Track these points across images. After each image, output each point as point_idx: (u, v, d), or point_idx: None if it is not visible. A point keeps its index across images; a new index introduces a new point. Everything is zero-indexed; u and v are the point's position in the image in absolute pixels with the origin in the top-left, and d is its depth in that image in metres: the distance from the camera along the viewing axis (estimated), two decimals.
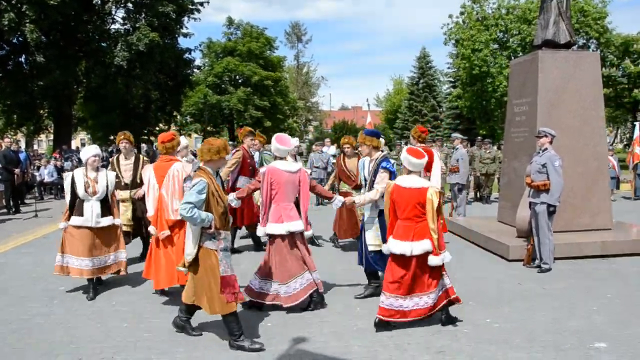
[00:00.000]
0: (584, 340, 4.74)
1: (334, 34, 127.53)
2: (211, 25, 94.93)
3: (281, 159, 5.61)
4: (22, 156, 15.45)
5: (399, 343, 4.72)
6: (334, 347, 4.63)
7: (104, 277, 6.68)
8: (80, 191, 6.06)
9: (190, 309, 4.92)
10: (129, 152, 7.68)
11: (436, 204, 4.85)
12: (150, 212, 5.89)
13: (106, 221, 6.22)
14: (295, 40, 55.76)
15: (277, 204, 5.51)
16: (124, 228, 7.04)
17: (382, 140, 6.26)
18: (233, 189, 7.69)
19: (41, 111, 28.11)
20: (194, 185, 4.46)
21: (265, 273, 5.62)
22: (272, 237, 5.55)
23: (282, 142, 5.57)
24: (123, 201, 7.37)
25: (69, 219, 6.13)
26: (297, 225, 5.49)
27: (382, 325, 4.98)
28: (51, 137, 32.84)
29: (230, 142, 21.98)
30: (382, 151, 6.11)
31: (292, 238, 5.53)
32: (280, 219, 5.47)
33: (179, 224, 5.67)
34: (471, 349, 4.57)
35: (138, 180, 7.37)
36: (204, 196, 4.44)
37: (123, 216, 7.14)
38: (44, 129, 31.83)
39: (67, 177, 6.31)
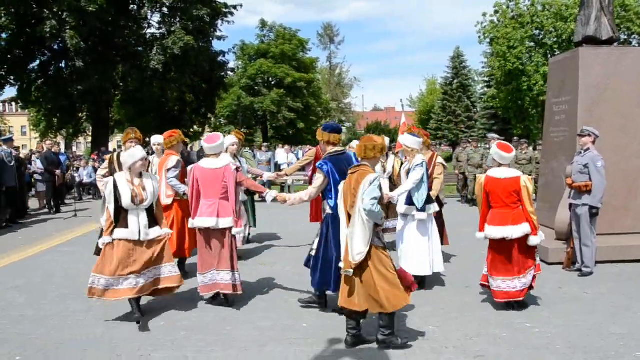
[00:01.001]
0: (630, 347, 4.58)
1: (367, 35, 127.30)
2: (244, 28, 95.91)
3: (209, 156, 5.86)
4: (62, 158, 15.88)
5: (435, 346, 4.64)
6: (369, 349, 4.58)
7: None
8: (127, 201, 5.21)
9: (356, 318, 4.64)
10: None
11: (532, 189, 5.55)
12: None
13: (155, 232, 5.43)
14: (327, 41, 55.95)
15: (203, 199, 5.75)
16: None
17: (341, 137, 5.83)
18: None
19: (80, 114, 28.88)
20: (372, 182, 4.38)
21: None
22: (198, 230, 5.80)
23: (208, 141, 5.93)
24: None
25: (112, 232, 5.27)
26: (207, 222, 5.64)
27: (510, 306, 5.57)
28: (89, 139, 33.66)
29: (265, 144, 22.21)
30: (341, 148, 5.73)
31: (209, 233, 5.71)
32: (197, 213, 5.74)
33: (169, 207, 6.76)
34: (510, 354, 4.46)
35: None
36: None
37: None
38: (82, 131, 32.69)
39: (108, 183, 5.33)
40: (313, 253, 5.59)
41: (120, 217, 5.24)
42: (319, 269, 5.46)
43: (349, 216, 4.54)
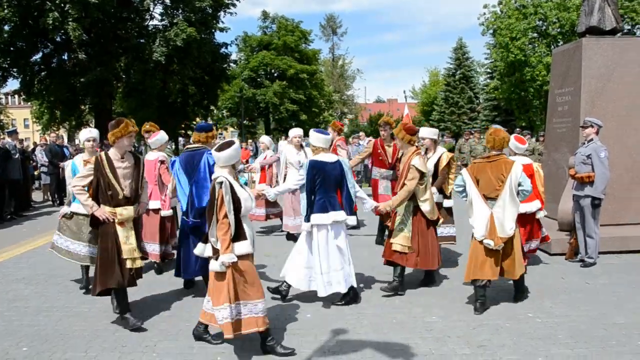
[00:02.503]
0: (632, 337, 4.60)
1: (369, 26, 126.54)
2: (247, 19, 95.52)
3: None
4: (65, 150, 15.93)
5: (439, 336, 4.67)
6: (373, 339, 4.62)
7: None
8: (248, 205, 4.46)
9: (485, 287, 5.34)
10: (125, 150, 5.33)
11: (542, 173, 6.61)
12: None
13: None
14: (330, 33, 55.74)
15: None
16: (136, 264, 5.06)
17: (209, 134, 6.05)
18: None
19: (83, 107, 28.89)
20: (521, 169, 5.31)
21: None
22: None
23: (151, 137, 7.02)
24: (122, 223, 4.98)
25: None
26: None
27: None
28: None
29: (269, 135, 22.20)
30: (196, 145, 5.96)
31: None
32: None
33: None
34: (513, 344, 4.49)
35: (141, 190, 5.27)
36: None
37: (126, 246, 4.97)
38: (85, 123, 32.72)
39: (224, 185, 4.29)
40: None
41: (238, 229, 4.29)
42: None
43: (486, 198, 5.31)
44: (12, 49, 23.33)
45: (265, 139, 9.98)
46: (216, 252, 4.19)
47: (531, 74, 30.31)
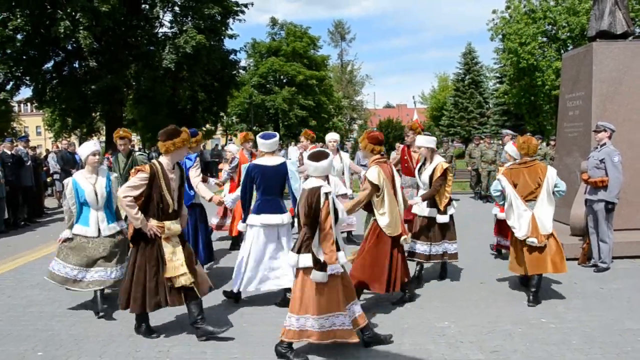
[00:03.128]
0: None
1: (378, 32, 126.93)
2: (255, 26, 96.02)
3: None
4: (77, 157, 16.04)
5: (451, 342, 4.66)
6: (385, 345, 4.61)
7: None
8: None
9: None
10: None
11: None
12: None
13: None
14: (339, 38, 55.84)
15: None
16: (182, 280, 4.76)
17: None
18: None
19: (94, 114, 29.14)
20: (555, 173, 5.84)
21: None
22: None
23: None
24: (168, 239, 4.79)
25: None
26: None
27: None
28: (103, 138, 33.96)
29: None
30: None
31: None
32: None
33: None
34: (526, 349, 4.47)
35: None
36: None
37: (171, 263, 4.74)
38: (96, 130, 32.99)
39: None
40: None
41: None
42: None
43: (525, 200, 5.75)
44: (24, 57, 23.57)
45: (232, 148, 9.05)
46: (317, 263, 4.14)
47: (541, 79, 30.19)
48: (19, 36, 22.79)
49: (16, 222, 11.69)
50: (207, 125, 34.23)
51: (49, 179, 15.67)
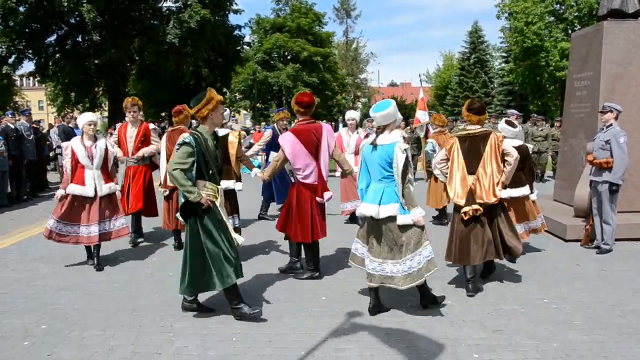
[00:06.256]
0: None
1: (384, 9, 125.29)
2: (260, 1, 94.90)
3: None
4: (79, 132, 16.00)
5: (454, 320, 4.68)
6: (388, 323, 4.63)
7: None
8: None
9: None
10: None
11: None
12: None
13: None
14: (344, 15, 55.15)
15: None
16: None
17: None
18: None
19: (97, 89, 29.03)
20: None
21: None
22: None
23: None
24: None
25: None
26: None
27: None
28: (106, 113, 33.89)
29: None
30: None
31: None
32: None
33: None
34: (529, 329, 4.48)
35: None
36: None
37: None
38: (99, 106, 32.93)
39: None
40: None
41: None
42: None
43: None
44: (27, 30, 23.42)
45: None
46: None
47: (545, 59, 29.88)
48: (21, 9, 22.60)
49: (19, 196, 11.72)
50: None
51: (51, 154, 15.64)
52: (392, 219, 4.58)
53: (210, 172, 4.63)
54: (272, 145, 8.69)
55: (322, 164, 5.72)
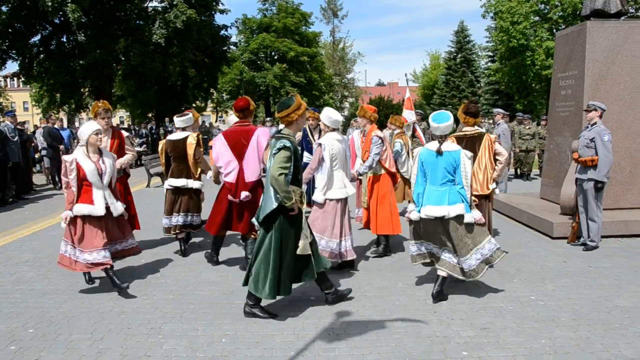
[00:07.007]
0: (635, 320, 4.62)
1: (370, 9, 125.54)
2: (246, 1, 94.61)
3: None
4: (64, 133, 15.88)
5: (442, 319, 4.70)
6: (376, 322, 4.64)
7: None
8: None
9: None
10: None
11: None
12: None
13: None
14: (331, 15, 55.12)
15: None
16: None
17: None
18: None
19: (82, 90, 28.75)
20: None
21: None
22: None
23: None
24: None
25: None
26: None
27: None
28: (91, 115, 33.54)
29: (268, 118, 22.08)
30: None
31: None
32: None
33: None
34: (516, 326, 4.51)
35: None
36: None
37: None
38: (85, 107, 32.59)
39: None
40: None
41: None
42: None
43: None
44: (10, 30, 23.13)
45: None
46: None
47: (531, 59, 30.10)
48: (4, 8, 22.32)
49: (4, 199, 11.58)
50: (197, 102, 33.91)
51: (37, 155, 15.50)
52: (460, 217, 4.93)
53: (299, 176, 4.73)
54: (305, 144, 8.85)
55: (245, 165, 5.99)
